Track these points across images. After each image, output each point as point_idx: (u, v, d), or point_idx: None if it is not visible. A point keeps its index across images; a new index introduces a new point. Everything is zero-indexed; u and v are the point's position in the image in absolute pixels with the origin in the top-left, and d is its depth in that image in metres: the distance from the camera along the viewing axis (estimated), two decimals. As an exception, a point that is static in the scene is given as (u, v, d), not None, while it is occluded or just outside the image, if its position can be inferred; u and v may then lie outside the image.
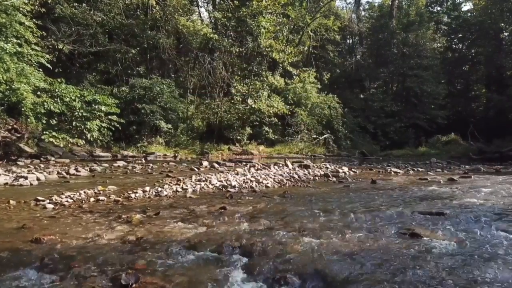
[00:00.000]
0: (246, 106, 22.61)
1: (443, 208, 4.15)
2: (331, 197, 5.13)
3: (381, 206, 4.33)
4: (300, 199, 4.91)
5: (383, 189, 6.05)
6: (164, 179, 7.22)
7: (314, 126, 25.60)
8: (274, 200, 4.81)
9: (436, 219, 3.60)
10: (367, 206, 4.36)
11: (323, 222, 3.52)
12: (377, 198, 5.00)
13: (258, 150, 22.13)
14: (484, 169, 10.70)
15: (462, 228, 3.30)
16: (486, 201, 4.64)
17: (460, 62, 35.71)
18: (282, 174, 7.86)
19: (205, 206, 4.28)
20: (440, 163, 13.81)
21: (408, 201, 4.72)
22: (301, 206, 4.33)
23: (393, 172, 9.36)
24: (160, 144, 19.63)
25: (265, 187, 6.16)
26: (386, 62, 33.76)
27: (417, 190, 5.82)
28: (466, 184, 6.54)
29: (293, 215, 3.84)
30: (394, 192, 5.59)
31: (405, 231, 3.12)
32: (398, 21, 33.67)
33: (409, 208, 4.15)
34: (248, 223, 3.47)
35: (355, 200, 4.88)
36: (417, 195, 5.29)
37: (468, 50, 35.69)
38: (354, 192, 5.62)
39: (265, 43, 22.89)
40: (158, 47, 21.72)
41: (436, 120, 30.27)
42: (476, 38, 33.80)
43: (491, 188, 5.85)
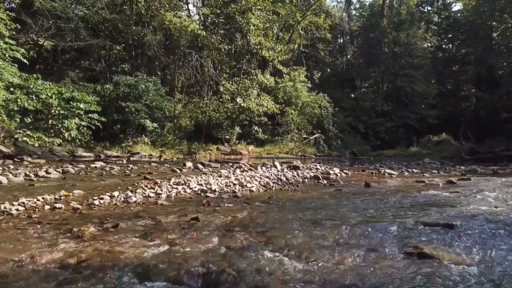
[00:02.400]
0: (235, 105, 22.07)
1: (449, 217, 3.62)
2: (322, 203, 4.56)
3: (379, 215, 3.78)
4: (286, 206, 4.33)
5: (378, 193, 5.52)
6: (141, 181, 6.61)
7: (304, 126, 25.14)
8: (257, 208, 4.22)
9: (445, 232, 3.07)
10: (362, 215, 3.80)
11: (313, 238, 2.95)
12: (373, 205, 4.45)
13: (248, 150, 21.58)
14: (481, 170, 10.27)
15: (478, 245, 2.76)
16: (496, 208, 4.13)
17: (450, 62, 35.60)
18: (269, 176, 7.29)
19: (176, 216, 3.68)
20: (434, 163, 13.39)
21: (408, 209, 4.19)
22: (288, 215, 3.75)
23: (387, 173, 8.86)
24: (146, 144, 18.97)
25: (249, 192, 5.58)
26: (377, 61, 33.50)
27: (416, 194, 5.30)
28: (467, 188, 6.05)
29: (277, 228, 3.26)
30: (391, 198, 5.05)
31: (412, 250, 2.57)
32: (389, 20, 33.39)
33: (411, 217, 3.60)
34: (222, 239, 2.89)
35: (348, 207, 4.32)
36: (417, 201, 4.76)
37: (458, 50, 35.60)
38: (347, 198, 5.07)
39: (255, 40, 22.34)
40: (144, 43, 21.01)
41: (427, 120, 30.08)
42: (466, 38, 33.72)
43: (495, 193, 5.36)
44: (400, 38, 31.14)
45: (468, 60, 33.77)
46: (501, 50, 27.16)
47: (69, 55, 22.37)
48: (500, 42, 28.54)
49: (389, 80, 33.48)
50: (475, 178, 7.63)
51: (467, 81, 35.23)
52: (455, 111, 33.01)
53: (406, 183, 6.86)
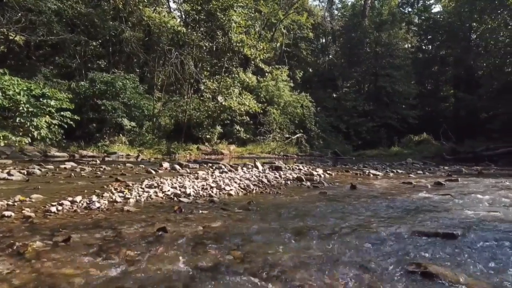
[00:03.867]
0: (216, 103, 21.58)
1: (448, 225, 3.28)
2: (306, 209, 4.17)
3: (370, 223, 3.41)
4: (268, 213, 3.91)
5: (365, 196, 5.17)
6: (111, 184, 6.10)
7: (286, 125, 24.87)
8: (235, 215, 3.78)
9: (447, 244, 2.71)
10: (351, 223, 3.42)
11: (298, 253, 2.55)
12: (362, 211, 4.09)
13: (229, 150, 21.14)
14: (466, 171, 10.12)
15: (487, 260, 2.41)
16: (494, 213, 3.83)
17: (430, 63, 36.03)
18: (250, 177, 6.86)
19: (141, 226, 3.21)
20: (417, 163, 13.25)
21: (400, 215, 3.84)
22: (269, 224, 3.34)
23: (372, 174, 8.57)
24: (123, 143, 18.32)
25: (227, 196, 5.13)
26: (358, 61, 33.57)
27: (405, 198, 4.98)
28: (457, 190, 5.78)
29: (257, 240, 2.84)
30: (380, 201, 4.71)
31: (414, 268, 2.18)
32: (371, 20, 33.51)
33: (406, 226, 3.25)
34: (191, 255, 2.45)
35: (335, 213, 3.94)
36: (409, 205, 4.43)
37: (438, 51, 36.02)
38: (333, 202, 4.70)
39: (236, 38, 21.88)
40: (122, 40, 20.29)
41: (408, 119, 30.29)
42: (445, 39, 34.19)
43: (488, 195, 5.09)
44: (382, 38, 31.27)
45: (448, 61, 34.22)
46: (479, 51, 27.49)
47: (43, 50, 21.46)
48: (479, 43, 28.92)
49: (371, 80, 33.60)
50: (462, 179, 7.40)
51: (447, 81, 35.70)
52: (435, 111, 33.38)
53: (393, 185, 6.55)
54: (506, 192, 5.47)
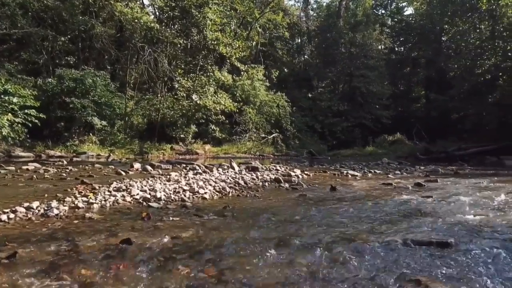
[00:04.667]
0: (190, 102, 21.11)
1: (438, 232, 3.09)
2: (287, 214, 3.89)
3: (356, 230, 3.17)
4: (245, 220, 3.61)
5: (347, 199, 4.97)
6: (76, 187, 5.67)
7: (262, 125, 24.65)
8: (209, 222, 3.45)
9: (442, 254, 2.50)
10: (336, 230, 3.17)
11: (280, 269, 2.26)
12: (345, 216, 3.85)
13: (204, 150, 20.75)
14: (442, 171, 10.15)
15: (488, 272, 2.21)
16: (482, 217, 3.68)
17: (403, 64, 36.71)
18: (226, 179, 6.54)
19: (103, 236, 2.85)
20: (392, 163, 13.26)
21: (387, 220, 3.63)
22: (247, 233, 3.04)
23: (350, 175, 8.42)
24: (94, 143, 17.67)
25: (201, 199, 4.79)
26: (333, 61, 33.75)
27: (388, 200, 4.80)
28: (439, 191, 5.67)
29: (234, 253, 2.53)
30: (362, 205, 4.50)
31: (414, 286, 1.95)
32: (346, 21, 33.75)
33: (396, 232, 3.03)
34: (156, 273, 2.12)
35: (317, 219, 3.68)
36: (393, 209, 4.23)
37: (410, 53, 36.72)
38: (313, 205, 4.46)
39: (212, 36, 21.48)
40: (92, 35, 19.51)
41: (381, 120, 30.64)
42: (417, 41, 34.92)
43: (470, 197, 4.98)
44: (356, 39, 31.54)
45: (419, 63, 34.94)
46: (449, 53, 28.15)
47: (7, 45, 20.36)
48: (449, 46, 29.62)
49: (345, 81, 33.85)
50: (441, 179, 7.33)
51: (418, 82, 36.43)
52: (407, 112, 34.00)
53: (373, 186, 6.39)
54: (487, 193, 5.39)
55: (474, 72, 19.84)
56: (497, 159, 15.25)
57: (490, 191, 5.57)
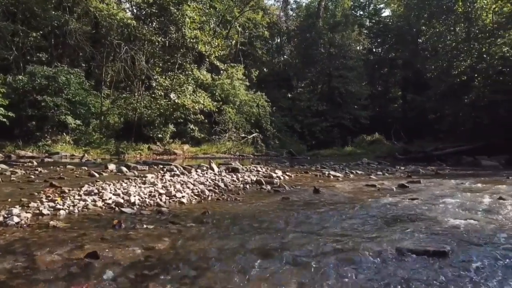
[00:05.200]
0: (168, 101, 20.71)
1: (431, 238, 2.94)
2: (271, 220, 3.67)
3: (345, 237, 2.98)
4: (226, 227, 3.36)
5: (331, 202, 4.80)
6: (44, 190, 5.31)
7: (242, 125, 24.43)
8: (187, 230, 3.18)
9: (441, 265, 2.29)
10: (324, 239, 2.96)
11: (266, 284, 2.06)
12: (332, 221, 3.67)
13: (182, 150, 20.37)
14: (423, 171, 10.17)
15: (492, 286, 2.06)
16: (473, 222, 3.55)
17: (381, 65, 37.21)
18: (205, 181, 6.28)
19: (67, 249, 2.54)
20: (372, 163, 13.29)
21: (376, 226, 3.46)
22: (228, 242, 2.79)
23: (332, 176, 8.30)
24: (67, 143, 17.13)
25: (178, 204, 4.52)
26: (313, 61, 33.85)
27: (374, 203, 4.66)
28: (424, 193, 5.57)
29: (214, 269, 2.24)
30: (348, 208, 4.34)
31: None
32: (325, 21, 33.90)
33: (387, 240, 2.85)
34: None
35: (303, 225, 3.48)
36: (380, 213, 4.08)
37: (387, 54, 37.28)
38: (298, 210, 4.26)
39: (190, 34, 21.12)
40: (66, 31, 18.84)
41: (360, 120, 30.92)
42: (394, 42, 35.49)
43: (456, 199, 4.89)
44: (335, 39, 31.70)
45: (397, 64, 35.49)
46: (425, 55, 28.64)
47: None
48: (425, 47, 30.14)
49: (324, 81, 34.01)
50: (424, 180, 7.26)
51: (396, 83, 36.99)
52: (385, 112, 34.48)
53: (356, 188, 6.27)
54: (471, 195, 5.33)
55: (451, 73, 20.18)
56: (473, 159, 15.50)
57: (474, 193, 5.52)
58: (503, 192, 5.56)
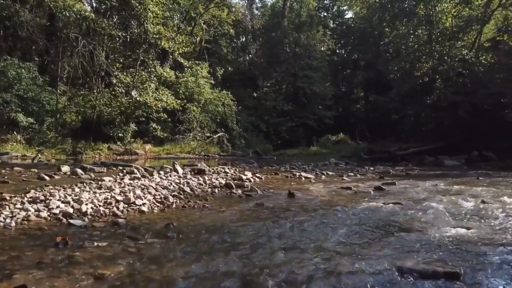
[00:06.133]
0: (130, 99, 19.81)
1: (430, 253, 2.63)
2: (245, 233, 3.21)
3: (334, 252, 2.60)
4: (194, 243, 2.86)
5: (309, 209, 4.45)
6: (-18, 197, 4.62)
7: (207, 124, 23.86)
8: (147, 248, 2.66)
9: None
10: (310, 256, 2.55)
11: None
12: (315, 233, 3.26)
13: (145, 150, 19.58)
14: (393, 172, 10.12)
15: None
16: (469, 231, 3.29)
17: (344, 66, 37.73)
18: (168, 185, 5.74)
19: None
20: (340, 163, 13.21)
21: (365, 237, 3.12)
22: (198, 265, 2.30)
23: (304, 177, 8.00)
24: (19, 143, 15.97)
25: (138, 213, 3.99)
26: (278, 61, 33.80)
27: (355, 210, 4.35)
28: (403, 196, 5.36)
29: None
30: (329, 216, 4.00)
31: None
32: (290, 21, 33.90)
33: (385, 257, 2.50)
34: None
35: (283, 238, 3.06)
36: (365, 221, 3.76)
37: (350, 55, 37.87)
38: (274, 218, 3.86)
39: (153, 29, 20.30)
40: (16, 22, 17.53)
41: (324, 120, 31.15)
42: (357, 44, 36.09)
43: (439, 204, 4.67)
44: (301, 39, 31.76)
45: (359, 65, 36.13)
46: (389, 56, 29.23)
47: None
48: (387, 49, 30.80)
49: (290, 81, 34.04)
50: (398, 182, 7.08)
51: (358, 84, 37.65)
52: (348, 112, 35.01)
53: (332, 191, 5.98)
54: (453, 198, 5.16)
55: (413, 74, 20.61)
56: (435, 159, 15.84)
57: (454, 196, 5.37)
58: (482, 195, 5.47)
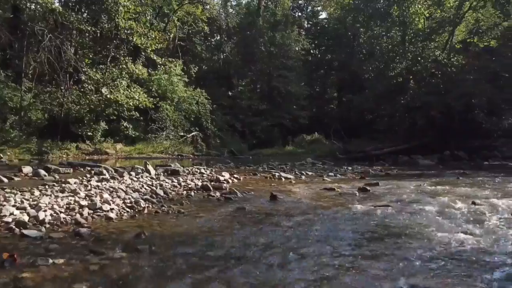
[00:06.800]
0: (100, 96, 19.05)
1: (439, 266, 2.38)
2: (226, 243, 2.83)
3: (331, 271, 2.30)
4: (169, 257, 2.43)
5: (294, 213, 4.15)
6: None
7: (181, 123, 23.30)
8: (114, 266, 2.19)
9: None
10: (305, 276, 2.26)
11: None
12: (305, 243, 2.94)
13: (115, 149, 18.92)
14: (372, 172, 10.02)
15: None
16: (474, 239, 3.06)
17: (318, 66, 37.92)
18: (140, 188, 5.29)
19: None
20: (317, 163, 13.06)
21: (360, 246, 2.85)
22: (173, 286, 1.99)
23: (284, 178, 7.73)
24: (-23, 142, 15.01)
25: (105, 220, 3.54)
26: (253, 60, 33.57)
27: (343, 214, 4.10)
28: (388, 198, 5.18)
29: None
30: (318, 221, 3.72)
31: None
32: (265, 20, 33.73)
33: (388, 274, 2.23)
34: None
35: (270, 249, 2.71)
36: (357, 227, 3.49)
37: (324, 55, 38.12)
38: (258, 225, 3.53)
39: (124, 24, 19.58)
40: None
41: (299, 120, 31.13)
42: (331, 44, 36.37)
43: (430, 206, 4.49)
44: (276, 38, 31.63)
45: (333, 65, 36.42)
46: (362, 57, 29.54)
47: None
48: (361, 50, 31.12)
49: (264, 80, 33.88)
50: (381, 182, 6.89)
51: (332, 84, 37.93)
52: (323, 112, 35.20)
53: (315, 193, 5.72)
54: (441, 200, 5.01)
55: (387, 74, 20.83)
56: (408, 158, 16.01)
57: (442, 197, 5.22)
58: (470, 196, 5.35)
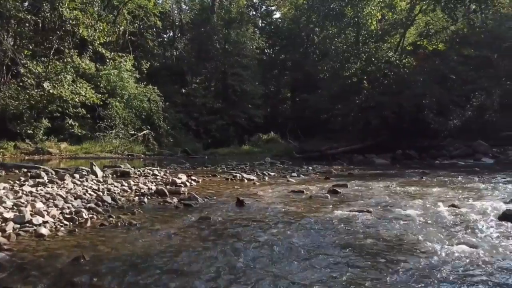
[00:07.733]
0: (41, 91, 17.61)
1: None
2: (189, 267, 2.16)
3: None
4: None
5: (266, 221, 3.70)
6: None
7: (131, 121, 22.17)
8: None
9: None
10: None
11: None
12: (286, 260, 2.53)
13: (59, 149, 17.56)
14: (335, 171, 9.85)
15: None
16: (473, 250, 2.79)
17: (272, 66, 37.97)
18: (83, 193, 4.53)
19: None
20: (275, 162, 12.80)
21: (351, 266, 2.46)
22: None
23: (246, 179, 7.28)
24: None
25: (34, 237, 2.78)
26: (208, 57, 32.95)
27: (319, 220, 3.73)
28: (363, 202, 4.88)
29: None
30: (294, 231, 3.30)
31: None
32: (220, 17, 33.17)
33: None
34: None
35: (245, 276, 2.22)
36: (339, 238, 3.12)
37: (279, 55, 38.26)
38: (227, 240, 2.97)
39: (69, 14, 18.23)
40: None
41: (254, 119, 30.92)
42: (285, 44, 36.54)
43: (409, 210, 4.22)
44: (231, 36, 31.20)
45: (287, 65, 36.61)
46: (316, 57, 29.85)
47: None
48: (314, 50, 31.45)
49: (219, 78, 33.36)
50: (349, 184, 6.62)
51: (286, 84, 38.15)
52: (277, 112, 35.26)
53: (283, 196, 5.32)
54: (418, 203, 4.77)
55: (342, 74, 21.06)
56: (363, 157, 16.24)
57: (418, 200, 5.00)
58: (447, 198, 5.22)
